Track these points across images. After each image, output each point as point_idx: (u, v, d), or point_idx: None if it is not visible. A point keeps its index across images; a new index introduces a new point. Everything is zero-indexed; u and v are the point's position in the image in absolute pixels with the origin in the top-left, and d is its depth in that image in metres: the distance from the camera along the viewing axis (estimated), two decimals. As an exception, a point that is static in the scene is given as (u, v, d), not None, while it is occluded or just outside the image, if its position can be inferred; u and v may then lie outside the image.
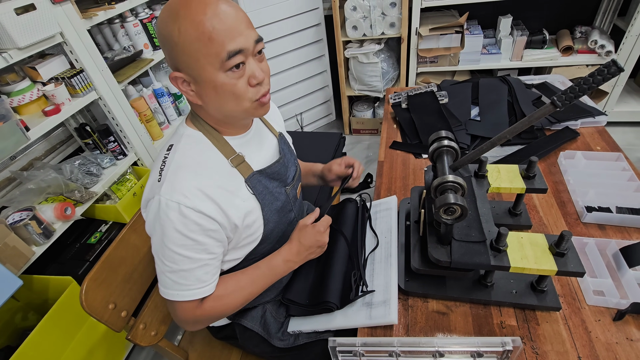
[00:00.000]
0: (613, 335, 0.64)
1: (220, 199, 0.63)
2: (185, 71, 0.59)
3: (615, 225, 0.82)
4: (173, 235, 0.60)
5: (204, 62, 0.56)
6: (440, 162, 0.69)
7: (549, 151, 1.05)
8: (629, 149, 1.99)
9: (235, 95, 0.60)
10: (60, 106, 1.18)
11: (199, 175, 0.63)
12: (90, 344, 1.21)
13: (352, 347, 0.62)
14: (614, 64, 0.49)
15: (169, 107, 1.67)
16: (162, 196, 0.59)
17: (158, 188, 0.61)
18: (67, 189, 1.21)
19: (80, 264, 1.27)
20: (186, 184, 0.61)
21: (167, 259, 0.62)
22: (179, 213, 0.59)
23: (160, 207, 0.59)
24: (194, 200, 0.60)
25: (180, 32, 0.55)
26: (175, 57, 0.58)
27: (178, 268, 0.62)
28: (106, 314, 0.76)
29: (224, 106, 0.62)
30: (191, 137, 0.67)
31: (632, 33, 1.80)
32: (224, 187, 0.64)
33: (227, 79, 0.58)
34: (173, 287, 0.64)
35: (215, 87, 0.59)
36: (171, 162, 0.63)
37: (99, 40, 1.53)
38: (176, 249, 0.61)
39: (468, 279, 0.74)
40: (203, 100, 0.62)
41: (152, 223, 0.62)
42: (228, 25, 0.55)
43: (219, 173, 0.66)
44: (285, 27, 2.08)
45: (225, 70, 0.58)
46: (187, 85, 0.61)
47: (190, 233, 0.60)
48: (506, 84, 1.31)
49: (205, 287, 0.66)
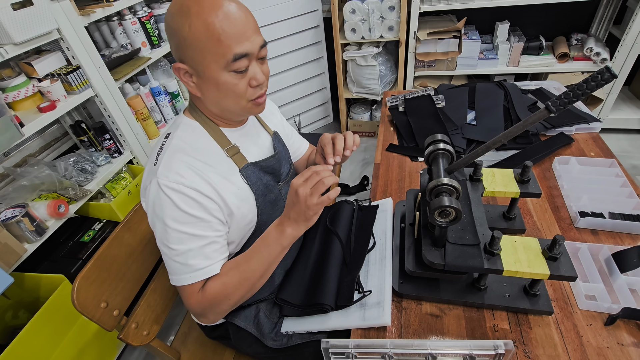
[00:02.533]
0: (604, 339, 0.64)
1: (215, 183, 0.64)
2: (190, 64, 0.61)
3: (608, 230, 0.83)
4: (175, 214, 0.61)
5: (210, 60, 0.59)
6: (435, 165, 0.69)
7: (544, 156, 1.06)
8: (622, 156, 2.01)
9: (235, 94, 0.63)
10: (56, 103, 1.18)
11: (195, 159, 0.64)
12: (82, 343, 1.20)
13: (345, 349, 0.62)
14: (608, 71, 0.49)
15: (165, 105, 1.67)
16: (159, 178, 0.61)
17: (154, 171, 0.62)
18: (61, 187, 1.20)
19: (73, 262, 1.26)
20: (182, 166, 0.62)
21: (172, 242, 0.62)
22: (177, 191, 0.60)
23: (160, 188, 0.60)
24: (190, 179, 0.61)
25: (190, 28, 0.57)
26: (182, 50, 0.60)
27: (186, 248, 0.62)
28: (98, 312, 0.76)
29: (222, 102, 0.64)
30: (188, 125, 0.69)
31: (627, 41, 1.82)
32: (219, 172, 0.66)
33: (229, 78, 0.61)
34: (183, 270, 0.63)
35: (217, 84, 0.61)
36: (168, 147, 0.65)
37: (96, 38, 1.52)
38: (180, 227, 0.61)
39: (462, 282, 0.74)
40: (203, 94, 0.64)
41: (152, 208, 0.63)
42: (237, 28, 0.58)
43: (215, 159, 0.67)
44: (284, 29, 2.08)
45: (229, 71, 0.60)
46: (189, 77, 0.63)
47: (191, 209, 0.61)
48: (502, 89, 1.32)
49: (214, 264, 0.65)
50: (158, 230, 0.64)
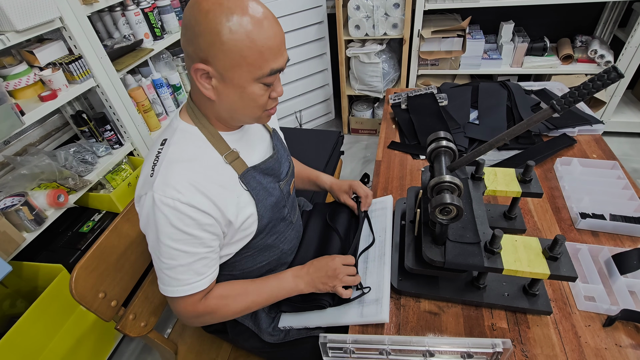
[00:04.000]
0: (602, 340, 0.64)
1: (214, 195, 0.62)
2: (216, 67, 0.57)
3: (609, 232, 0.83)
4: (168, 231, 0.60)
5: (245, 69, 0.57)
6: (437, 163, 0.69)
7: (546, 157, 1.06)
8: (624, 159, 2.01)
9: (257, 105, 0.63)
10: (57, 92, 1.17)
11: (193, 170, 0.62)
12: (79, 333, 1.20)
13: (343, 344, 0.62)
14: (614, 70, 0.49)
15: (167, 98, 1.66)
16: (155, 192, 0.59)
17: (150, 183, 0.60)
18: (61, 176, 1.19)
19: (72, 253, 1.26)
20: (179, 179, 0.60)
21: (164, 255, 0.62)
22: (173, 208, 0.58)
23: (155, 203, 0.59)
24: (187, 195, 0.59)
25: (231, 32, 0.53)
26: (213, 52, 0.55)
27: (176, 264, 0.62)
28: (96, 302, 0.75)
29: (241, 110, 0.63)
30: (185, 131, 0.66)
31: (632, 44, 1.81)
32: (217, 183, 0.64)
33: (257, 89, 0.60)
34: (171, 283, 0.64)
35: (242, 94, 0.60)
36: (164, 156, 0.62)
37: (99, 28, 1.51)
38: (172, 244, 0.61)
39: (461, 280, 0.74)
40: (220, 98, 0.61)
41: (146, 220, 0.61)
42: (276, 45, 0.57)
43: (213, 169, 0.65)
44: (288, 24, 2.07)
45: (260, 82, 0.59)
46: (207, 79, 0.59)
47: (186, 227, 0.60)
48: (506, 89, 1.31)
49: (204, 280, 0.66)
50: (150, 240, 0.63)
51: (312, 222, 0.95)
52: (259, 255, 0.78)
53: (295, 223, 0.86)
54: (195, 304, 0.67)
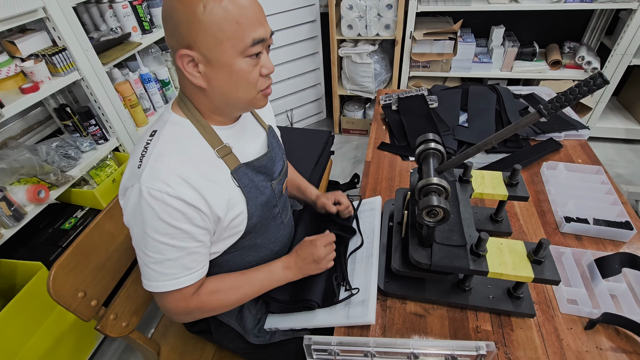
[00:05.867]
0: (584, 343, 0.65)
1: (203, 189, 0.61)
2: (200, 51, 0.57)
3: (592, 236, 0.84)
4: (156, 225, 0.58)
5: (227, 45, 0.56)
6: (426, 165, 0.69)
7: (533, 161, 1.07)
8: (608, 164, 2.05)
9: (248, 83, 0.61)
10: (39, 84, 1.13)
11: (183, 163, 0.60)
12: (59, 333, 1.17)
13: (328, 346, 0.61)
14: (600, 76, 0.49)
15: (155, 93, 1.63)
16: (142, 184, 0.57)
17: (138, 175, 0.58)
18: (42, 171, 1.16)
19: (52, 250, 1.22)
20: (169, 172, 0.58)
21: (150, 249, 0.60)
22: (161, 201, 0.57)
23: (142, 195, 0.57)
24: (176, 188, 0.58)
25: (205, 10, 0.53)
26: (193, 34, 0.55)
27: (163, 258, 0.60)
28: (75, 302, 0.73)
29: (233, 92, 0.61)
30: (177, 123, 0.64)
31: (618, 52, 1.85)
32: (208, 177, 0.62)
33: (245, 65, 0.59)
34: (158, 278, 0.62)
35: (231, 72, 0.59)
36: (154, 148, 0.60)
37: (85, 20, 1.47)
38: (160, 238, 0.59)
39: (447, 282, 0.74)
40: (210, 84, 0.60)
41: (132, 213, 0.59)
42: (254, 13, 0.57)
43: (204, 162, 0.63)
44: (280, 21, 2.06)
45: (245, 57, 0.58)
46: (194, 67, 0.58)
47: (174, 221, 0.58)
48: (495, 93, 1.32)
49: (192, 274, 0.64)
50: (135, 234, 0.61)
51: (302, 221, 0.94)
52: (248, 254, 0.77)
53: (287, 223, 0.85)
54: (187, 299, 0.65)
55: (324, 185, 1.48)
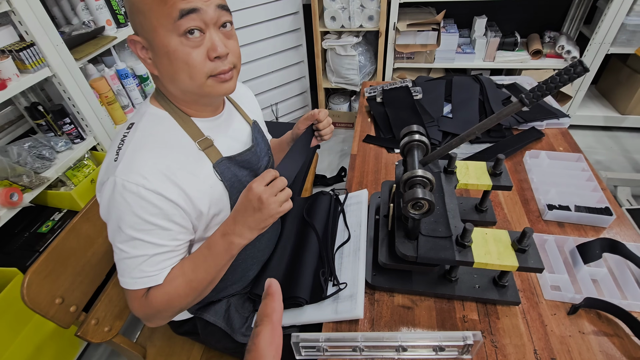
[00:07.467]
0: (567, 328, 0.66)
1: (184, 183, 0.58)
2: (141, 34, 0.55)
3: (573, 223, 0.86)
4: (131, 220, 0.55)
5: (156, 23, 0.52)
6: (410, 157, 0.68)
7: (516, 150, 1.08)
8: (588, 151, 2.10)
9: (189, 66, 0.55)
10: (7, 82, 1.08)
11: (161, 155, 0.58)
12: (38, 341, 1.13)
13: (316, 343, 0.60)
14: (580, 64, 0.49)
15: (133, 89, 1.57)
16: (117, 177, 0.54)
17: (114, 168, 0.56)
18: (14, 173, 1.11)
19: (29, 255, 1.17)
20: (146, 165, 0.55)
21: (124, 245, 0.57)
22: (136, 195, 0.54)
23: (116, 188, 0.54)
24: (153, 182, 0.55)
25: None
26: (132, 18, 0.55)
27: (138, 253, 0.57)
28: (52, 309, 0.70)
29: (177, 78, 0.57)
30: (155, 115, 0.62)
31: (596, 40, 1.88)
32: (189, 170, 0.60)
33: (180, 45, 0.54)
34: (130, 274, 0.59)
35: (168, 54, 0.54)
36: (130, 140, 0.58)
37: (55, 13, 1.41)
38: (133, 233, 0.56)
39: (433, 273, 0.74)
40: (159, 70, 0.58)
41: (107, 207, 0.57)
42: None
43: (184, 155, 0.61)
44: (262, 13, 2.01)
45: (179, 35, 0.53)
46: (146, 52, 0.57)
47: (151, 217, 0.56)
48: (478, 83, 1.33)
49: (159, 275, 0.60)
50: (110, 229, 0.58)
51: (289, 217, 0.93)
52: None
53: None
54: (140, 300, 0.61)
55: (310, 180, 1.47)
